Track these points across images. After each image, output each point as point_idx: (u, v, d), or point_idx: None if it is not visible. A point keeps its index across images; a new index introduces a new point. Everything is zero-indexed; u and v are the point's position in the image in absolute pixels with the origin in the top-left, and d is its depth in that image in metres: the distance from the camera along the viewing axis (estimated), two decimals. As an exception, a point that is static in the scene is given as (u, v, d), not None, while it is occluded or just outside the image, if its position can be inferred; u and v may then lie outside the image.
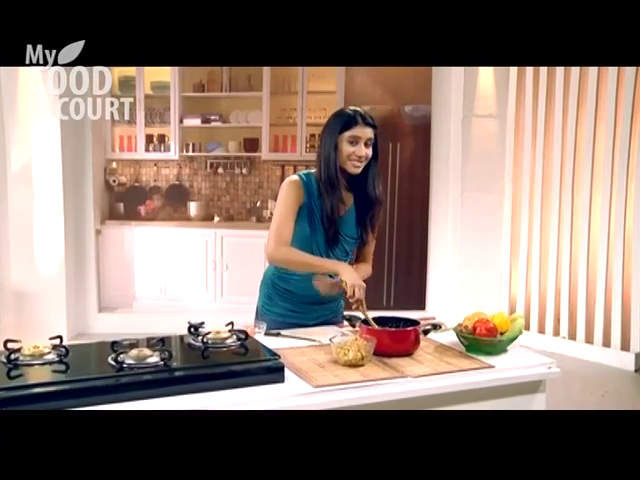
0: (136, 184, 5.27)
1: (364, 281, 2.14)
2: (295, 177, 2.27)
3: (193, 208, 5.34)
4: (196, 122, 5.25)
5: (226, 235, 5.27)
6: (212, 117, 5.27)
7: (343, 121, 2.19)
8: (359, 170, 2.22)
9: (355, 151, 2.18)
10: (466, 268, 5.23)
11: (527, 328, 5.15)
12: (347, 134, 2.18)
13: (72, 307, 5.03)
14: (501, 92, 5.12)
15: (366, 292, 2.11)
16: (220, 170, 5.30)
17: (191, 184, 5.33)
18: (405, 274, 5.47)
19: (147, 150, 5.24)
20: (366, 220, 2.32)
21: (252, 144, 5.31)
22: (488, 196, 5.20)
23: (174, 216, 5.34)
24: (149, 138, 5.23)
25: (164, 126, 5.23)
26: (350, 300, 2.12)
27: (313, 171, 2.30)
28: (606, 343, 4.77)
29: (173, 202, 5.32)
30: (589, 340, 4.87)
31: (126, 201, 5.26)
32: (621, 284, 4.66)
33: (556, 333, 5.04)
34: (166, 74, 5.16)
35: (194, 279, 5.34)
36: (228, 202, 5.37)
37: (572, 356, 4.84)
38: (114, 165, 5.24)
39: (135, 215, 5.27)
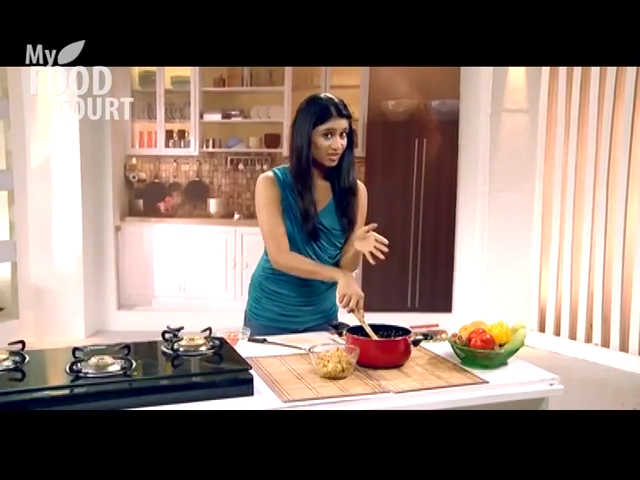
0: (156, 180, 5.20)
1: None
2: (269, 173, 2.19)
3: (213, 205, 5.24)
4: (216, 117, 5.16)
5: (246, 233, 5.15)
6: (233, 112, 5.16)
7: (316, 113, 2.09)
8: (335, 163, 2.15)
9: (331, 144, 2.09)
10: (494, 270, 5.04)
11: (557, 334, 4.94)
12: (322, 128, 2.08)
13: (91, 304, 5.02)
14: (532, 85, 4.89)
15: (365, 300, 2.03)
16: (240, 166, 5.20)
17: (211, 180, 5.24)
18: (431, 275, 5.29)
19: (167, 146, 5.15)
20: (344, 210, 2.22)
21: (273, 140, 5.19)
22: (518, 195, 5.00)
23: (194, 213, 5.26)
24: (169, 134, 5.16)
25: (184, 122, 5.14)
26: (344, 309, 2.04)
27: (287, 165, 2.20)
28: (642, 351, 4.51)
29: (193, 199, 5.24)
30: (624, 348, 4.61)
31: (145, 197, 5.20)
32: (659, 289, 4.40)
33: (588, 340, 4.79)
34: (186, 69, 5.07)
35: (213, 277, 5.26)
36: (249, 199, 5.24)
37: (605, 364, 4.61)
38: (134, 161, 5.18)
39: (155, 212, 5.21)
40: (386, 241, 1.99)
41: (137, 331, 3.20)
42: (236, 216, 5.25)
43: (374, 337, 1.92)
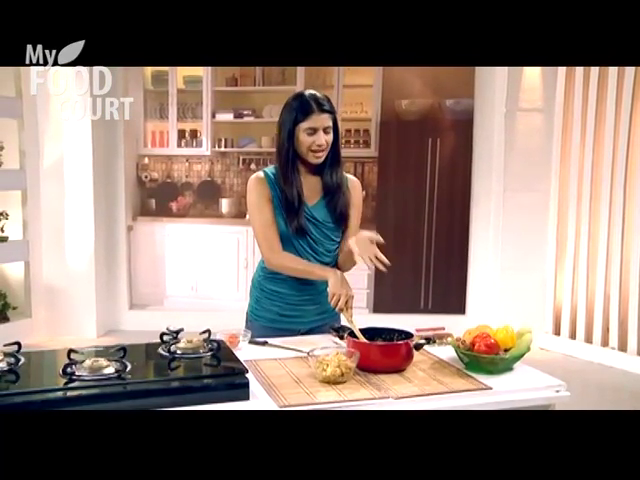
0: (168, 180, 5.20)
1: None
2: (260, 173, 2.20)
3: (225, 205, 5.23)
4: (228, 117, 5.14)
5: (258, 233, 5.13)
6: (245, 112, 5.14)
7: (298, 110, 2.08)
8: (321, 160, 2.13)
9: (315, 141, 2.08)
10: (508, 271, 4.97)
11: (573, 337, 4.85)
12: (304, 125, 2.07)
13: (102, 304, 5.03)
14: (548, 84, 4.82)
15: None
16: (252, 166, 5.16)
17: (223, 180, 5.22)
18: (444, 276, 5.23)
19: (179, 146, 5.16)
20: (335, 205, 2.20)
21: (285, 140, 5.15)
22: (533, 195, 4.93)
23: (205, 213, 5.25)
24: (181, 133, 5.16)
25: (196, 121, 5.14)
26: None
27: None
28: (661, 355, 4.42)
29: (205, 199, 5.23)
30: (642, 352, 4.52)
31: (158, 197, 5.20)
32: (677, 292, 4.30)
33: (605, 343, 4.70)
34: (199, 68, 5.06)
35: (225, 277, 5.24)
36: (260, 199, 5.23)
37: (622, 369, 4.53)
38: (146, 161, 5.18)
39: (166, 211, 5.21)
40: (387, 262, 1.97)
41: (149, 331, 3.17)
42: (248, 216, 5.22)
43: (362, 339, 1.88)
